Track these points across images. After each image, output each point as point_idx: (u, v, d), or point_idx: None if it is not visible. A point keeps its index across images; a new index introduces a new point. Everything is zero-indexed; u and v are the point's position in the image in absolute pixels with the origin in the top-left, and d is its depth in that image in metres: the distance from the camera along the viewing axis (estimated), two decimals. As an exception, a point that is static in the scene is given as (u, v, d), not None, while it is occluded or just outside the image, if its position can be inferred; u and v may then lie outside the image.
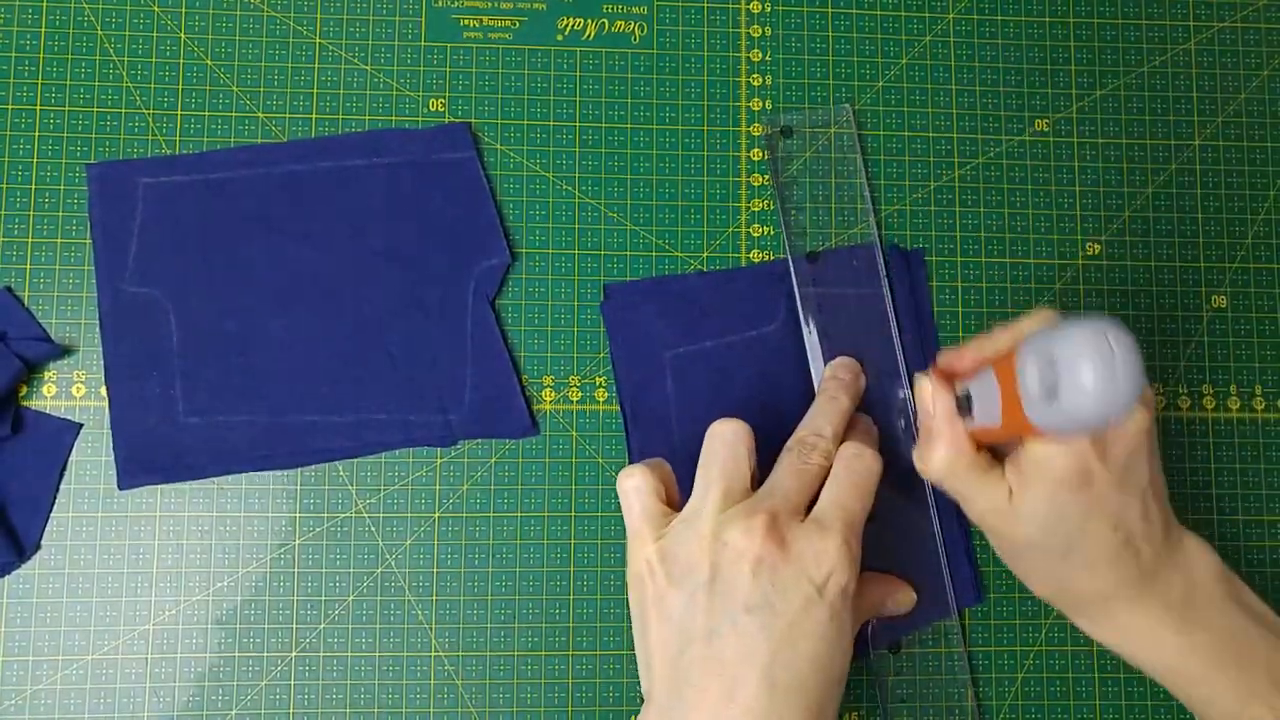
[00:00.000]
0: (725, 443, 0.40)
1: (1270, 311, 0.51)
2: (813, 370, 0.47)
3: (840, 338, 0.48)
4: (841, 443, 0.42)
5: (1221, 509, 0.50)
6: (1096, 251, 0.51)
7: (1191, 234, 0.51)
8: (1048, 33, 0.52)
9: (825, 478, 0.41)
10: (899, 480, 0.47)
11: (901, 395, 0.47)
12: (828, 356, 0.47)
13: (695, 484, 0.40)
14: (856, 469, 0.41)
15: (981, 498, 0.40)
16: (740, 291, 0.49)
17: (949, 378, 0.41)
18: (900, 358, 0.48)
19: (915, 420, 0.44)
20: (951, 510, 0.48)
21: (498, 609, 0.47)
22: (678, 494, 0.42)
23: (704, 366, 0.48)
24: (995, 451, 0.41)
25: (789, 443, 0.42)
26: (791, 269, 0.48)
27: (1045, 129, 0.51)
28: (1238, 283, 0.51)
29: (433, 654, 0.47)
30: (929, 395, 0.41)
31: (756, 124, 0.51)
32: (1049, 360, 0.33)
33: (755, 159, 0.50)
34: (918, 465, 0.42)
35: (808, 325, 0.48)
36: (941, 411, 0.40)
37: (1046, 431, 0.35)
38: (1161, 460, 0.41)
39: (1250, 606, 0.41)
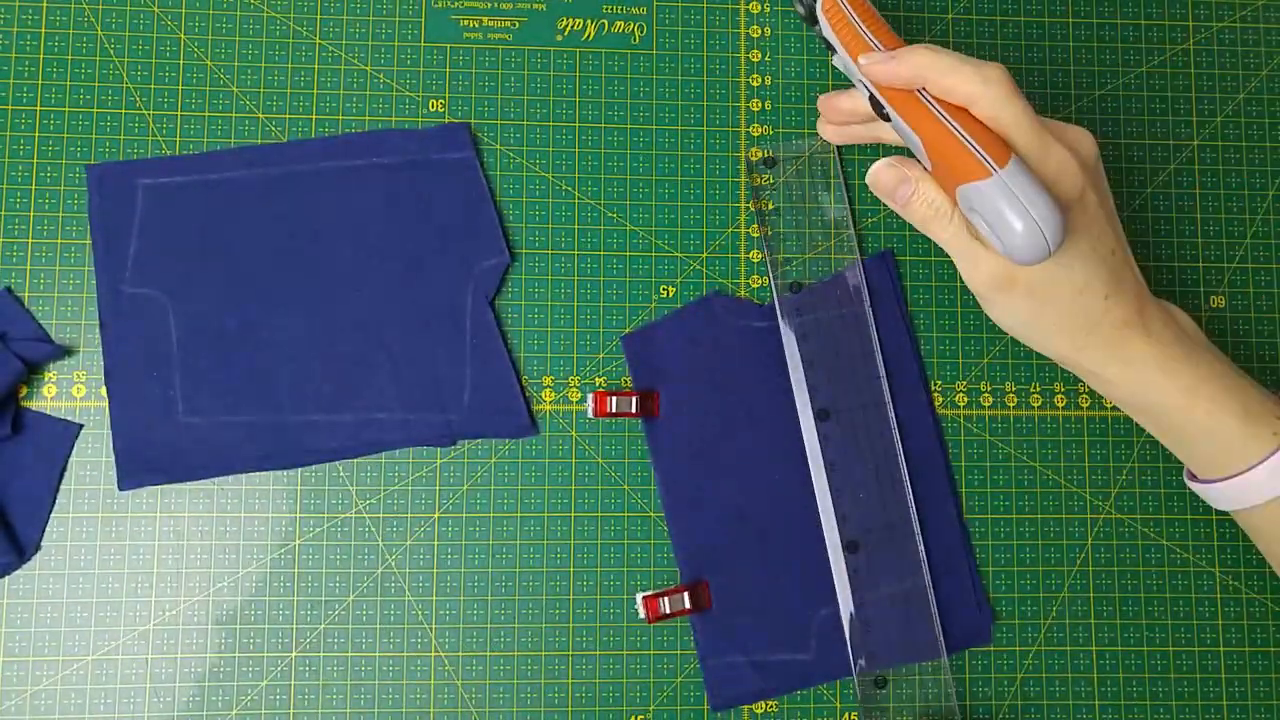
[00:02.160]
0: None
1: (1269, 311, 0.51)
2: (797, 403, 0.48)
3: (825, 366, 0.48)
4: None
5: (1221, 508, 0.50)
6: (1096, 251, 0.51)
7: (1190, 234, 0.51)
8: (1047, 33, 0.52)
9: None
10: (897, 516, 0.47)
11: (887, 433, 0.47)
12: (811, 385, 0.48)
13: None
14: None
15: (984, 256, 0.41)
16: (710, 323, 0.49)
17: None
18: (886, 393, 0.48)
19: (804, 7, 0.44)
20: (961, 544, 0.48)
21: (498, 609, 0.47)
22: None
23: (699, 397, 0.48)
24: None
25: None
26: (775, 301, 0.48)
27: (1044, 129, 0.51)
28: (1236, 283, 0.51)
29: (433, 654, 0.47)
30: (896, 170, 0.42)
31: (755, 125, 0.51)
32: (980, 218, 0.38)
33: (755, 159, 0.50)
34: (921, 220, 0.42)
35: (792, 358, 0.48)
36: (916, 170, 0.41)
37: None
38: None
39: (1227, 360, 0.44)
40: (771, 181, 0.50)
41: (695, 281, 0.49)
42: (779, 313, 0.48)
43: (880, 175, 0.42)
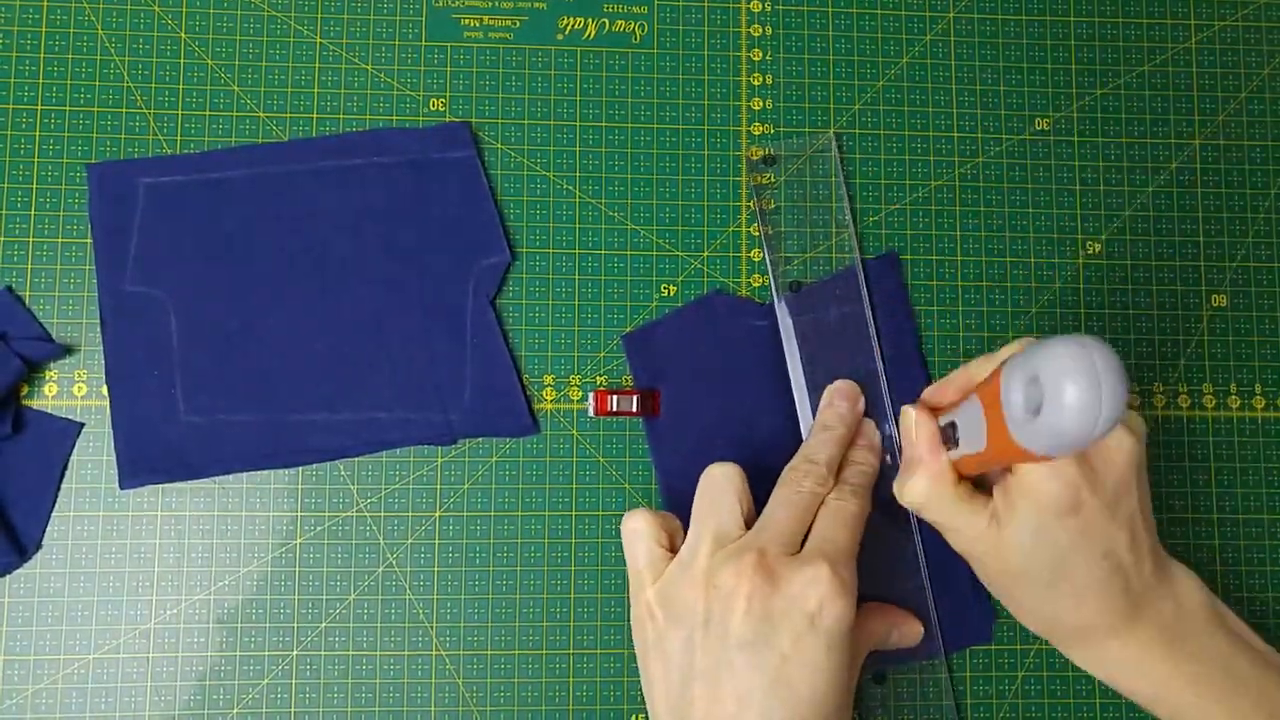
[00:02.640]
0: (716, 485, 0.41)
1: (1270, 310, 0.51)
2: (797, 402, 0.48)
3: (825, 366, 0.48)
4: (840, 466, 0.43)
5: (1222, 508, 0.50)
6: (1096, 251, 0.51)
7: (1191, 233, 0.51)
8: (1048, 32, 0.52)
9: (819, 505, 0.42)
10: (889, 514, 0.47)
11: (885, 430, 0.47)
12: (811, 385, 0.47)
13: (690, 528, 0.41)
14: (842, 509, 0.41)
15: (966, 526, 0.40)
16: (712, 321, 0.49)
17: (934, 411, 0.42)
18: (884, 390, 0.48)
19: (899, 453, 0.44)
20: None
21: (498, 608, 0.47)
22: (680, 543, 0.42)
23: (697, 397, 0.48)
24: (979, 483, 0.41)
25: (782, 475, 0.43)
26: (775, 301, 0.48)
27: (1045, 128, 0.51)
28: (1238, 281, 0.51)
29: (433, 653, 0.47)
30: (912, 424, 0.41)
31: (756, 124, 0.51)
32: (1032, 377, 0.33)
33: (755, 158, 0.50)
34: (897, 494, 0.42)
35: (791, 357, 0.48)
36: (924, 439, 0.40)
37: (1032, 451, 0.34)
38: (1151, 480, 0.41)
39: (1239, 634, 0.41)
40: (772, 180, 0.50)
41: (696, 280, 0.49)
42: (779, 312, 0.48)
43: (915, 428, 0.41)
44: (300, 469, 0.47)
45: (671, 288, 0.49)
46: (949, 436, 0.40)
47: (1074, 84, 0.52)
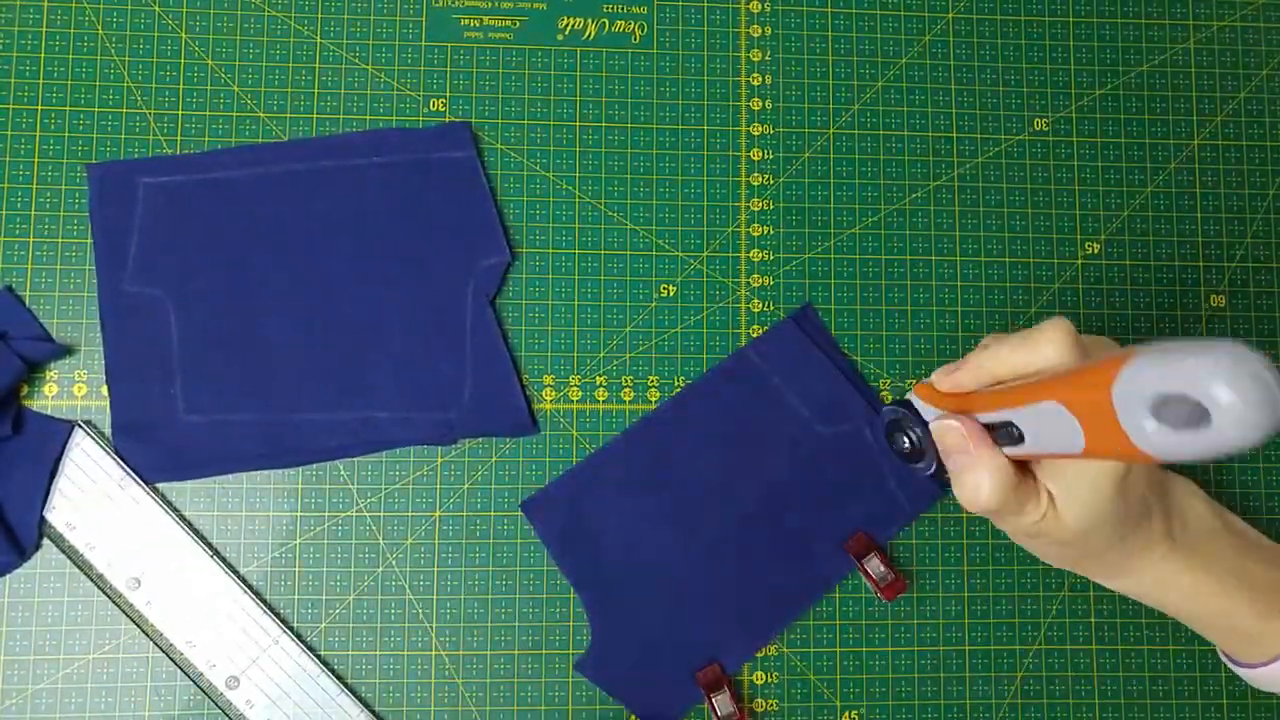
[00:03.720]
0: None
1: (1268, 310, 0.51)
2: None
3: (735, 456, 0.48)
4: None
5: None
6: (1095, 251, 0.51)
7: (1190, 233, 0.51)
8: (1047, 32, 0.52)
9: None
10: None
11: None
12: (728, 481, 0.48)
13: None
14: None
15: (1025, 514, 0.39)
16: (640, 449, 0.48)
17: (954, 399, 0.40)
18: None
19: (912, 444, 0.41)
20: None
21: (498, 608, 0.47)
22: None
23: (637, 528, 0.48)
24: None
25: None
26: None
27: (1044, 128, 0.51)
28: (1236, 282, 0.51)
29: (433, 653, 0.47)
30: (960, 433, 0.39)
31: (756, 124, 0.51)
32: (1174, 394, 0.31)
33: (755, 159, 0.50)
34: (962, 501, 0.40)
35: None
36: (980, 445, 0.38)
37: (1171, 460, 0.32)
38: None
39: (1243, 534, 0.43)
40: None
41: (695, 280, 0.49)
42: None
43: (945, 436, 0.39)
44: (300, 469, 0.47)
45: (670, 288, 0.49)
46: (1004, 436, 0.38)
47: (1073, 84, 0.52)
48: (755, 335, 0.49)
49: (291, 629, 0.46)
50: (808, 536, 0.48)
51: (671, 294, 0.49)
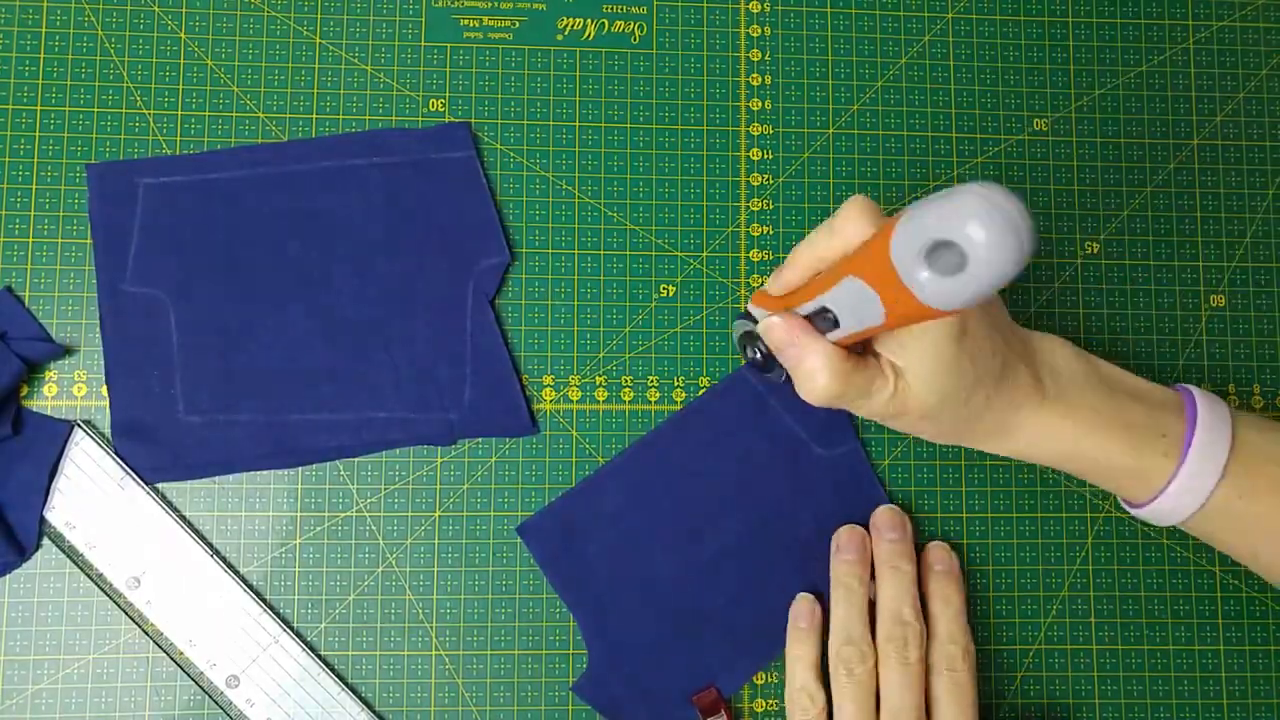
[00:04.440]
0: (853, 676, 0.44)
1: (1269, 310, 0.51)
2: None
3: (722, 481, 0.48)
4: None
5: (1221, 508, 0.50)
6: (1095, 251, 0.51)
7: (1190, 233, 0.51)
8: (1046, 32, 0.52)
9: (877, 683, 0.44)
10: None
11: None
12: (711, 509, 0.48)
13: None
14: (958, 682, 0.44)
15: (874, 394, 0.40)
16: (642, 472, 0.48)
17: (783, 302, 0.41)
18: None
19: (752, 354, 0.44)
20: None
21: (498, 608, 0.47)
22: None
23: (629, 556, 0.48)
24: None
25: (881, 644, 0.44)
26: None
27: (1044, 128, 0.51)
28: (1236, 282, 0.51)
29: (433, 653, 0.47)
30: (782, 326, 0.40)
31: (756, 124, 0.51)
32: (940, 239, 0.32)
33: (755, 159, 0.50)
34: (805, 395, 0.41)
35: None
36: (802, 335, 0.40)
37: (948, 310, 0.34)
38: None
39: (1113, 376, 0.43)
40: None
41: (695, 280, 0.49)
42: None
43: (773, 331, 0.41)
44: (300, 469, 0.47)
45: (670, 288, 0.49)
46: (823, 323, 0.39)
47: (1072, 84, 0.52)
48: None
49: (291, 629, 0.46)
50: (807, 555, 0.48)
51: (671, 294, 0.49)
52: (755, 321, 0.43)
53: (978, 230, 0.31)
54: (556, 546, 0.47)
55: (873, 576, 0.46)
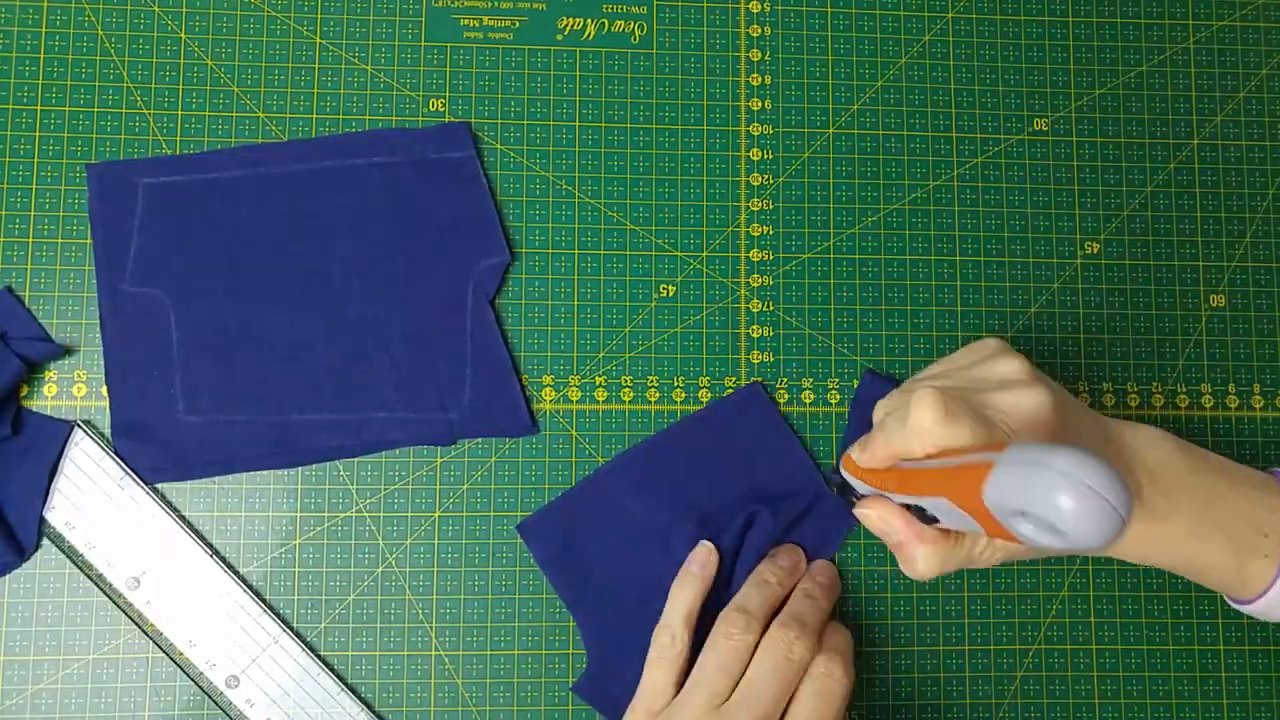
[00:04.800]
0: (731, 639, 0.43)
1: (1268, 310, 0.51)
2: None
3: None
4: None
5: (1221, 508, 0.50)
6: (1095, 251, 0.51)
7: (1190, 233, 0.51)
8: (1046, 32, 0.52)
9: (752, 654, 0.43)
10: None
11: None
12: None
13: (692, 677, 0.43)
14: (830, 686, 0.42)
15: (977, 559, 0.40)
16: (645, 472, 0.48)
17: (866, 474, 0.40)
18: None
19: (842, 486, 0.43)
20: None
21: (498, 608, 0.47)
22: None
23: (630, 553, 0.47)
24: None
25: (717, 622, 0.44)
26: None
27: (1044, 128, 0.51)
28: (1236, 281, 0.51)
29: (433, 653, 0.47)
30: (880, 520, 0.40)
31: (756, 124, 0.51)
32: (1025, 513, 0.31)
33: (755, 159, 0.50)
34: (907, 573, 0.40)
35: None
36: (903, 528, 0.39)
37: (1051, 552, 0.34)
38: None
39: (1214, 470, 0.41)
40: None
41: (695, 280, 0.49)
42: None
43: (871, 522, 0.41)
44: (299, 469, 0.47)
45: (670, 288, 0.49)
46: (920, 515, 0.39)
47: (1072, 84, 0.52)
48: (755, 335, 0.49)
49: (291, 629, 0.46)
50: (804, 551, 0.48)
51: (671, 294, 0.49)
52: (844, 477, 0.42)
53: (1069, 517, 0.30)
54: (556, 545, 0.47)
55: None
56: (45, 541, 0.46)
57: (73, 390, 0.47)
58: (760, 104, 0.51)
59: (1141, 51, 0.52)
